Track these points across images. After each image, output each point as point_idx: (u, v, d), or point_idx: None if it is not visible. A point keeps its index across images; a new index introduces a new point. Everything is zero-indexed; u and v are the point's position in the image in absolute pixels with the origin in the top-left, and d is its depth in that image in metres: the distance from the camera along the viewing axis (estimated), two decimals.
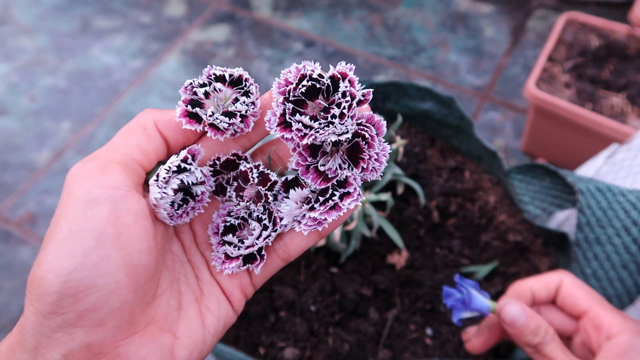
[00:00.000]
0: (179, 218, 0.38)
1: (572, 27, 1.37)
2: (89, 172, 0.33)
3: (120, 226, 0.32)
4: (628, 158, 0.87)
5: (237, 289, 0.40)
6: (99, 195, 0.32)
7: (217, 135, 0.37)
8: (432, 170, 0.84)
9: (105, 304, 0.32)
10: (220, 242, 0.40)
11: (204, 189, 0.38)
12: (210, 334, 0.38)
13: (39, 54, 1.79)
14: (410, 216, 0.78)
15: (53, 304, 0.31)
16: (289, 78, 0.36)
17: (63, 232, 0.31)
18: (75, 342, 0.31)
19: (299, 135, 0.35)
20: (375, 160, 0.36)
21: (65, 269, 0.31)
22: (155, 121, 0.37)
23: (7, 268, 1.29)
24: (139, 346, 0.34)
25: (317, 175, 0.37)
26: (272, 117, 0.36)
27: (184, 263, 0.39)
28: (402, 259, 0.74)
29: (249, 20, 1.89)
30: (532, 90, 1.24)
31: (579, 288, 0.55)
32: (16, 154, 1.54)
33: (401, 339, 0.68)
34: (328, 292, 0.71)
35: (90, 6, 1.95)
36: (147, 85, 1.70)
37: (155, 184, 0.35)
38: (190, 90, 0.38)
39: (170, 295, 0.37)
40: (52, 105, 1.65)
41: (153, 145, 0.36)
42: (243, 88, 0.38)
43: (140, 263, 0.33)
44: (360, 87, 0.35)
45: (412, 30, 1.84)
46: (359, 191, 0.37)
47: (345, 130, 0.35)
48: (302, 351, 0.66)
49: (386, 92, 0.85)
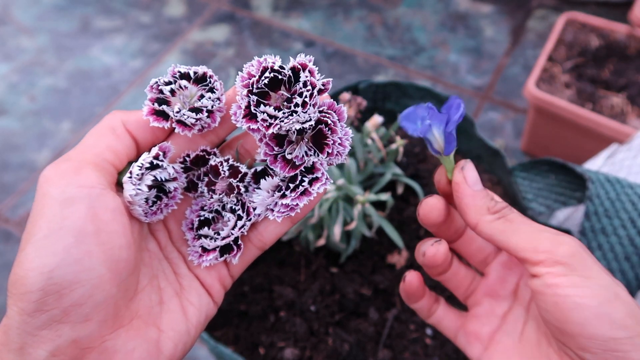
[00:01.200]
0: (153, 215, 0.38)
1: (572, 27, 1.37)
2: (63, 173, 0.34)
3: (98, 223, 0.33)
4: (628, 158, 0.87)
5: (215, 280, 0.41)
6: (75, 194, 0.33)
7: (184, 131, 0.38)
8: (432, 170, 0.84)
9: (89, 298, 0.32)
10: (195, 237, 0.41)
11: (176, 185, 0.39)
12: (193, 325, 0.39)
13: (39, 54, 1.79)
14: (410, 216, 0.78)
15: (37, 301, 0.31)
16: (251, 71, 0.37)
17: (42, 232, 0.32)
18: (62, 338, 0.31)
19: (264, 126, 0.36)
20: (339, 144, 0.38)
21: (48, 266, 0.31)
22: (123, 122, 0.37)
23: (7, 268, 1.29)
24: (125, 340, 0.34)
25: (285, 164, 0.38)
26: (237, 110, 0.37)
27: (161, 260, 0.40)
28: (402, 259, 0.74)
29: (249, 20, 1.89)
30: (532, 90, 1.23)
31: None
32: (16, 154, 1.54)
33: (401, 339, 0.68)
34: (328, 292, 0.71)
35: (90, 6, 1.95)
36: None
37: (130, 181, 0.36)
38: (156, 89, 0.38)
39: (151, 291, 0.38)
40: (52, 105, 1.65)
41: (123, 146, 0.37)
42: (208, 85, 0.38)
43: (121, 257, 0.34)
44: (320, 77, 0.37)
45: (412, 30, 1.84)
46: (326, 175, 0.38)
47: (308, 118, 0.36)
48: (302, 351, 0.66)
49: (386, 92, 0.85)
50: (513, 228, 0.38)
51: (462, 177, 0.39)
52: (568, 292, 0.34)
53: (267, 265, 0.74)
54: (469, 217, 0.39)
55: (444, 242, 0.43)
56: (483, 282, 0.45)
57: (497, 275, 0.44)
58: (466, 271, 0.46)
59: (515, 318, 0.43)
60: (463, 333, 0.44)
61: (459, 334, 0.45)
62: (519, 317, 0.42)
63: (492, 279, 0.44)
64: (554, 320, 0.36)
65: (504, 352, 0.41)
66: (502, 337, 0.42)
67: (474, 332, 0.44)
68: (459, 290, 0.46)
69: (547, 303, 0.35)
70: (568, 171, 0.72)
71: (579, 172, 0.69)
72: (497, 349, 0.42)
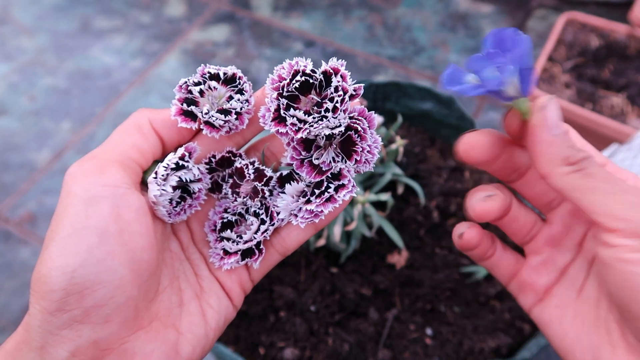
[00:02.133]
0: (176, 216, 0.38)
1: (572, 27, 1.37)
2: (87, 171, 0.33)
3: (122, 223, 0.33)
4: (628, 158, 0.87)
5: (236, 284, 0.40)
6: (99, 193, 0.32)
7: (212, 132, 0.37)
8: (432, 170, 0.84)
9: (111, 299, 0.32)
10: (218, 239, 0.40)
11: (200, 186, 0.39)
12: (212, 329, 0.38)
13: (39, 54, 1.79)
14: (410, 216, 0.78)
15: (59, 301, 0.31)
16: (282, 74, 0.36)
17: (66, 230, 0.31)
18: (83, 338, 0.31)
19: (293, 130, 0.35)
20: (368, 152, 0.37)
21: (71, 265, 0.31)
22: (150, 120, 0.37)
23: (7, 268, 1.29)
24: (144, 342, 0.34)
25: (312, 169, 0.37)
26: (266, 113, 0.36)
27: (182, 261, 0.40)
28: (402, 259, 0.74)
29: (249, 20, 1.89)
30: (532, 90, 1.23)
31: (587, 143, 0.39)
32: (16, 154, 1.53)
33: (401, 339, 0.68)
34: (328, 292, 0.71)
35: (90, 6, 1.95)
36: (147, 85, 1.70)
37: (155, 182, 0.35)
38: (185, 89, 0.38)
39: (172, 292, 0.38)
40: (52, 105, 1.65)
41: (149, 144, 0.37)
42: (237, 86, 0.38)
43: (142, 259, 0.33)
44: (352, 82, 0.36)
45: (412, 30, 1.84)
46: (353, 182, 0.37)
47: (338, 123, 0.35)
48: (302, 351, 0.66)
49: (386, 92, 0.85)
50: (591, 185, 0.32)
51: (543, 118, 0.33)
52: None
53: None
54: (540, 166, 0.33)
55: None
56: (545, 229, 0.40)
57: (563, 223, 0.39)
58: (526, 215, 0.40)
59: (576, 271, 0.38)
60: (517, 281, 0.41)
61: (513, 281, 0.41)
62: (580, 271, 0.38)
63: (556, 226, 0.39)
64: (621, 298, 0.32)
65: (559, 306, 0.38)
66: (559, 291, 0.38)
67: (530, 282, 0.40)
68: (517, 236, 0.41)
69: (617, 278, 0.31)
70: None
71: None
72: (552, 303, 0.38)
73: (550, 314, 0.38)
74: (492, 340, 0.67)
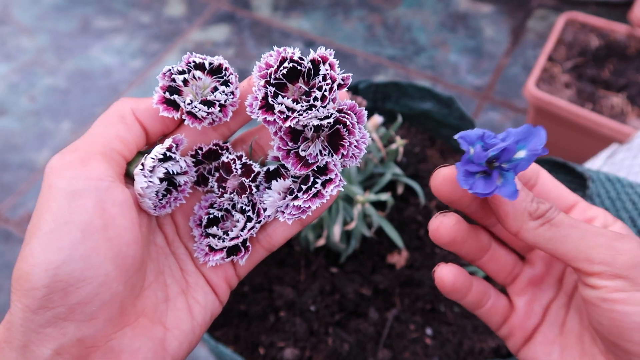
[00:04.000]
0: (162, 208, 0.37)
1: (572, 27, 1.37)
2: (69, 164, 0.32)
3: (106, 218, 0.32)
4: (628, 158, 0.87)
5: (221, 280, 0.40)
6: (82, 187, 0.32)
7: (194, 123, 0.36)
8: (432, 170, 0.84)
9: (96, 296, 0.31)
10: (203, 234, 0.40)
11: (186, 179, 0.38)
12: (199, 324, 0.38)
13: (39, 54, 1.79)
14: (410, 216, 0.78)
15: (42, 298, 0.30)
16: (269, 62, 0.36)
17: (48, 226, 0.31)
18: (67, 336, 0.31)
19: (281, 118, 0.35)
20: (355, 147, 0.36)
21: (53, 262, 0.30)
22: (133, 110, 0.36)
23: (7, 268, 1.29)
24: (131, 338, 0.33)
25: (298, 160, 0.37)
26: (253, 101, 0.36)
27: (167, 255, 0.39)
28: (402, 259, 0.74)
29: (249, 20, 1.89)
30: (532, 90, 1.23)
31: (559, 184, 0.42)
32: (16, 154, 1.53)
33: (401, 339, 0.68)
34: (328, 292, 0.71)
35: (90, 6, 1.95)
36: (147, 85, 1.70)
37: (141, 173, 0.35)
38: (168, 77, 0.37)
39: (157, 288, 0.37)
40: (52, 105, 1.65)
41: (132, 135, 0.36)
42: (222, 77, 0.37)
43: (128, 254, 0.33)
44: (340, 71, 0.36)
45: (412, 30, 1.84)
46: (340, 177, 0.37)
47: (327, 114, 0.35)
48: (302, 351, 0.66)
49: (386, 92, 0.85)
50: (561, 235, 0.33)
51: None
52: (628, 309, 0.31)
53: (267, 265, 0.74)
54: (509, 226, 0.34)
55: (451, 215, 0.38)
56: (527, 269, 0.40)
57: (543, 262, 0.40)
58: (506, 255, 0.40)
59: (558, 307, 0.39)
60: (508, 325, 0.41)
61: (504, 326, 0.41)
62: (561, 307, 0.39)
63: (537, 266, 0.40)
64: (608, 334, 0.33)
65: (545, 343, 0.38)
66: (544, 328, 0.39)
67: (520, 325, 0.40)
68: (499, 276, 0.41)
69: (602, 317, 0.32)
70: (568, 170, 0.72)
71: (579, 171, 0.69)
72: (538, 340, 0.39)
73: (537, 352, 0.38)
74: (492, 340, 0.67)
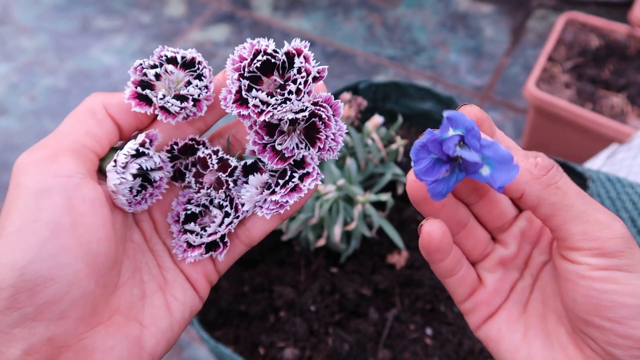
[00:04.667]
0: (137, 205, 0.37)
1: (572, 27, 1.37)
2: (38, 162, 0.32)
3: (76, 215, 0.31)
4: (628, 158, 0.87)
5: (201, 276, 0.40)
6: (50, 184, 0.31)
7: (168, 118, 0.36)
8: None
9: (65, 295, 0.31)
10: (181, 231, 0.39)
11: (162, 175, 0.38)
12: (177, 321, 0.37)
13: (39, 54, 1.79)
14: (410, 216, 0.78)
15: (9, 298, 0.29)
16: (243, 54, 0.35)
17: (14, 225, 0.30)
18: (36, 336, 0.30)
19: (255, 112, 0.34)
20: (332, 140, 0.36)
21: (20, 262, 0.29)
22: (104, 105, 0.35)
23: None
24: (104, 337, 0.33)
25: (274, 154, 0.36)
26: (227, 95, 0.35)
27: (145, 252, 0.39)
28: (402, 259, 0.74)
29: (249, 20, 1.89)
30: (532, 90, 1.23)
31: None
32: (16, 154, 1.53)
33: (401, 339, 0.68)
34: (328, 292, 0.71)
35: (90, 6, 1.95)
36: None
37: (114, 170, 0.34)
38: (140, 71, 0.36)
39: (133, 285, 0.36)
40: (52, 105, 1.65)
41: (104, 131, 0.35)
42: (196, 71, 0.37)
43: (99, 252, 0.32)
44: (316, 64, 0.35)
45: (412, 30, 1.84)
46: (317, 170, 0.37)
47: (302, 107, 0.34)
48: (302, 351, 0.66)
49: (386, 92, 0.85)
50: (565, 202, 0.31)
51: None
52: (607, 287, 0.31)
53: (267, 265, 0.74)
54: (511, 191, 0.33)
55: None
56: (499, 248, 0.40)
57: (515, 243, 0.39)
58: (482, 233, 0.40)
59: (522, 287, 0.39)
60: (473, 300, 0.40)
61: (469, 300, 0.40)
62: (526, 287, 0.39)
63: (510, 247, 0.39)
64: (580, 311, 0.32)
65: (508, 321, 0.38)
66: (507, 306, 0.39)
67: (486, 301, 0.39)
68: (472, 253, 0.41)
69: (577, 293, 0.32)
70: (568, 170, 0.72)
71: (579, 171, 0.69)
72: (501, 317, 0.38)
73: (500, 329, 0.38)
74: None
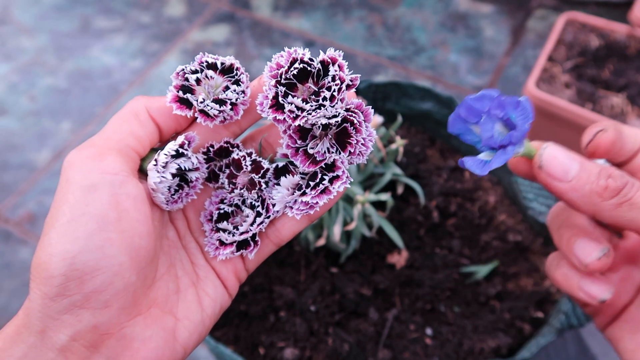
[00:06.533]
0: (174, 203, 0.39)
1: (572, 27, 1.37)
2: (86, 159, 0.34)
3: (120, 210, 0.33)
4: None
5: (231, 273, 0.41)
6: (98, 180, 0.33)
7: (207, 121, 0.38)
8: (432, 170, 0.84)
9: (110, 285, 0.32)
10: (214, 229, 0.41)
11: (198, 175, 0.40)
12: (208, 316, 0.39)
13: (39, 54, 1.79)
14: (410, 216, 0.78)
15: (59, 286, 0.31)
16: (280, 62, 0.37)
17: (65, 217, 0.32)
18: (82, 323, 0.32)
19: (290, 117, 0.36)
20: (362, 144, 0.38)
21: (70, 252, 0.31)
22: (147, 108, 0.37)
23: (7, 268, 1.29)
24: (143, 327, 0.35)
25: (306, 158, 0.38)
26: (264, 100, 0.37)
27: (179, 249, 0.40)
28: (402, 259, 0.74)
29: (249, 20, 1.89)
30: (532, 90, 1.23)
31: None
32: (16, 154, 1.53)
33: (401, 339, 0.68)
34: (328, 292, 0.71)
35: (90, 6, 1.95)
36: (147, 85, 1.70)
37: (155, 169, 0.36)
38: (182, 76, 0.38)
39: (169, 279, 0.38)
40: (52, 105, 1.65)
41: (146, 132, 0.37)
42: (234, 76, 0.39)
43: (141, 246, 0.34)
44: (349, 72, 0.37)
45: (412, 30, 1.84)
46: (347, 174, 0.38)
47: (335, 113, 0.36)
48: (302, 351, 0.66)
49: (386, 92, 0.85)
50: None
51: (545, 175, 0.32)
52: None
53: (267, 265, 0.74)
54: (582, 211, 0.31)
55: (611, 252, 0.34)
56: (621, 244, 0.38)
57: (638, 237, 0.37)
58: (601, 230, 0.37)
59: None
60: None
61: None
62: None
63: (632, 241, 0.38)
64: None
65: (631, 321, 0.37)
66: (633, 308, 0.37)
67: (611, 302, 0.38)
68: None
69: None
70: None
71: None
72: (625, 319, 0.37)
73: (622, 329, 0.37)
74: (492, 340, 0.67)
